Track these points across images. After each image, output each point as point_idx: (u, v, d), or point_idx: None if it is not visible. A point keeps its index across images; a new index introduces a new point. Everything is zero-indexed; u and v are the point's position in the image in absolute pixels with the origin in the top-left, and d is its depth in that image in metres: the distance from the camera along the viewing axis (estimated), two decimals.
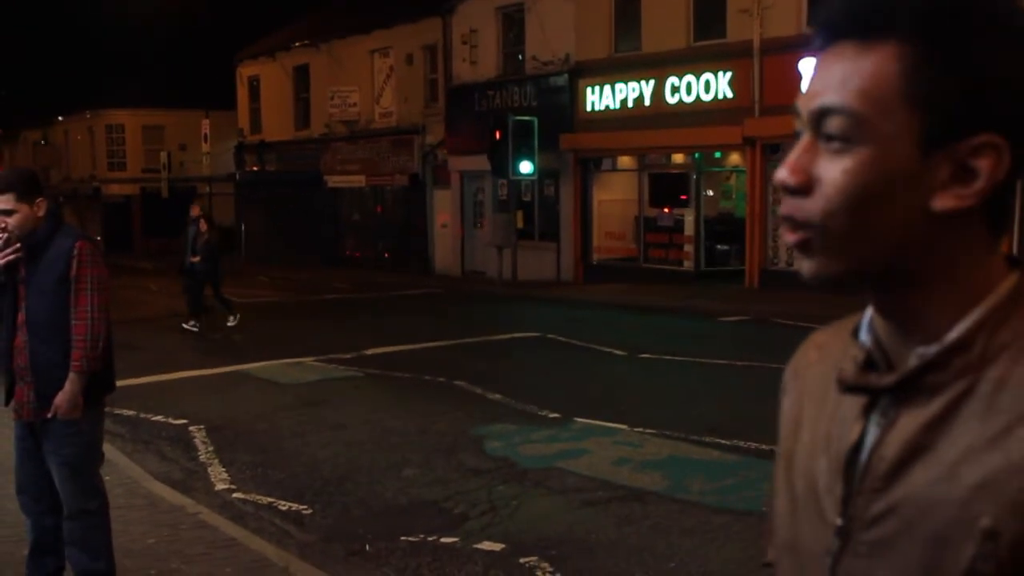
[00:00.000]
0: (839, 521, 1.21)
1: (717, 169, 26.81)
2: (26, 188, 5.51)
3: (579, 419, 11.04)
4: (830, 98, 1.17)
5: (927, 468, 1.13)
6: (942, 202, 1.14)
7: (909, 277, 1.18)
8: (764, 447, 9.48)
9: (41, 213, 5.53)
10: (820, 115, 1.18)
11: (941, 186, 1.14)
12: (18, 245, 5.45)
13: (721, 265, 25.80)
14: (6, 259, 5.44)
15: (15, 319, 5.53)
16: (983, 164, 1.12)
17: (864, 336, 1.26)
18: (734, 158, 25.65)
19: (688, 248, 26.20)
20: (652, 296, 23.32)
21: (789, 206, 1.20)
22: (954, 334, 1.15)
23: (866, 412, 1.21)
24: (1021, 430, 1.07)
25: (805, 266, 1.21)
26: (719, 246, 26.08)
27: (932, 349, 1.16)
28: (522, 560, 6.92)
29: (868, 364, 1.24)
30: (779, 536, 1.34)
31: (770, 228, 23.99)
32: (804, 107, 1.20)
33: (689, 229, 26.14)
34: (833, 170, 1.16)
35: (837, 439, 1.23)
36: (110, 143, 54.71)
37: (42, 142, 61.65)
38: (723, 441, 9.84)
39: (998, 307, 1.14)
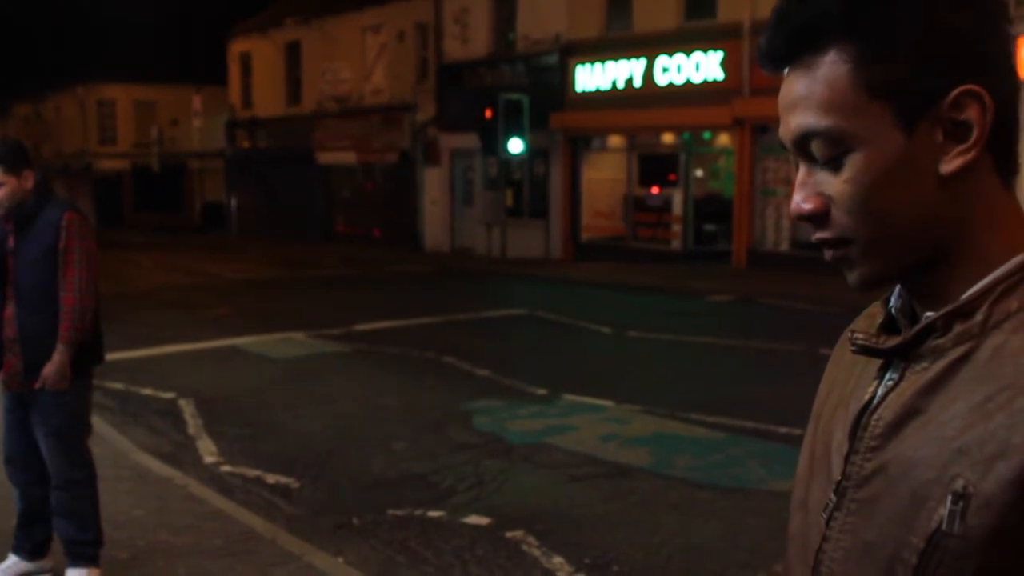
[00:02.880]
0: (838, 478, 1.24)
1: (706, 150, 26.81)
2: (14, 160, 5.51)
3: (566, 396, 11.10)
4: (801, 123, 1.20)
5: (918, 431, 1.15)
6: (949, 165, 1.16)
7: (933, 250, 1.20)
8: (749, 425, 9.56)
9: (29, 185, 5.53)
10: (801, 141, 1.21)
11: (942, 151, 1.16)
12: (5, 216, 5.47)
13: (709, 245, 25.82)
14: None
15: (4, 291, 5.55)
16: (970, 115, 1.15)
17: (894, 300, 1.29)
18: (723, 139, 25.64)
19: (676, 228, 26.23)
20: (640, 275, 23.36)
21: (817, 232, 1.23)
22: (960, 300, 1.17)
23: (881, 374, 1.25)
24: (1003, 398, 1.08)
25: (851, 278, 1.24)
26: (707, 226, 26.08)
27: (934, 313, 1.18)
28: (508, 534, 6.97)
29: (887, 327, 1.27)
30: (796, 494, 1.36)
31: (758, 208, 24.04)
32: (786, 140, 1.23)
33: (678, 209, 26.17)
34: (837, 185, 1.19)
35: (856, 400, 1.26)
36: (101, 118, 54.51)
37: (33, 117, 61.42)
38: (709, 418, 9.89)
39: (1008, 275, 1.16)
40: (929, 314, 1.20)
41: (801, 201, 1.23)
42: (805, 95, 1.19)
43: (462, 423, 10.02)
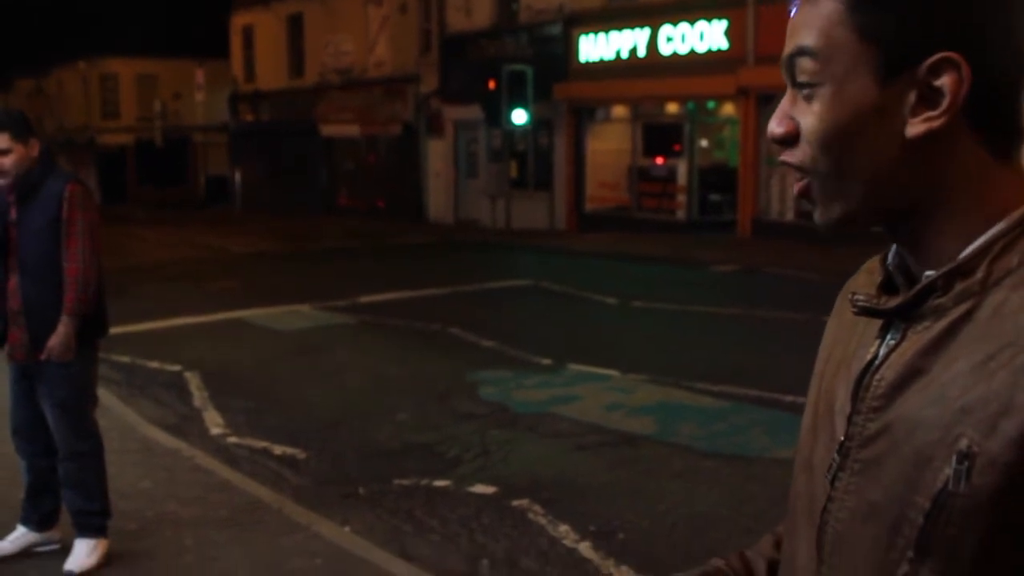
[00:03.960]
0: (841, 438, 1.24)
1: (711, 119, 26.72)
2: (20, 128, 5.52)
3: (572, 365, 11.11)
4: (795, 43, 1.23)
5: (921, 391, 1.15)
6: (913, 128, 1.16)
7: (909, 208, 1.20)
8: (753, 393, 9.58)
9: (35, 153, 5.54)
10: (791, 63, 1.23)
11: (911, 112, 1.16)
12: (8, 188, 5.47)
13: (714, 215, 25.76)
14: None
15: (7, 262, 5.56)
16: (945, 82, 1.14)
17: (892, 258, 1.29)
18: (728, 108, 25.55)
19: (681, 198, 26.18)
20: (645, 245, 23.33)
21: (784, 154, 1.26)
22: (960, 258, 1.17)
23: (882, 334, 1.25)
24: (1005, 356, 1.08)
25: (815, 216, 1.26)
26: (712, 196, 26.00)
27: (934, 272, 1.18)
28: (514, 503, 7.00)
29: (887, 286, 1.27)
30: (800, 454, 1.36)
31: (763, 178, 23.99)
32: (783, 67, 1.25)
33: (682, 179, 26.10)
34: (807, 114, 1.21)
35: (858, 360, 1.26)
36: (104, 92, 54.43)
37: (36, 92, 61.33)
38: (713, 387, 9.91)
39: (1006, 231, 1.15)
40: (929, 273, 1.19)
41: (775, 124, 1.25)
42: (803, 22, 1.22)
43: (467, 393, 10.04)
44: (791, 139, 1.24)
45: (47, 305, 5.49)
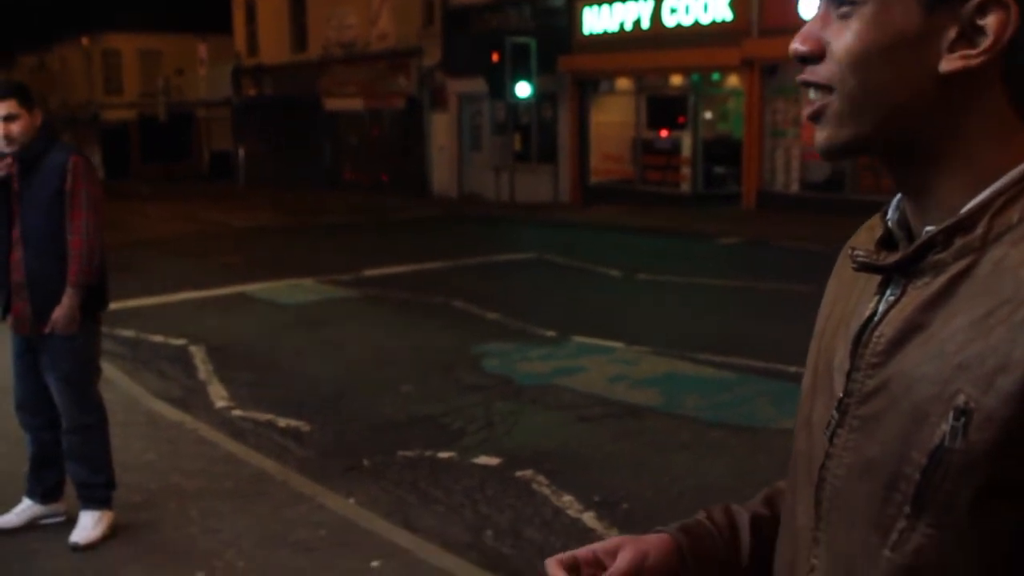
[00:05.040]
0: (840, 395, 1.23)
1: (715, 91, 26.63)
2: (25, 95, 5.53)
3: (576, 338, 11.11)
4: None
5: (919, 347, 1.14)
6: (948, 64, 1.14)
7: (922, 150, 1.19)
8: (758, 364, 9.57)
9: (39, 122, 5.54)
10: None
11: (948, 47, 1.14)
12: (10, 159, 5.46)
13: (718, 187, 25.70)
14: (2, 171, 5.45)
15: (10, 235, 5.55)
16: (990, 22, 1.12)
17: (891, 214, 1.27)
18: (732, 80, 25.46)
19: (685, 170, 26.11)
20: (649, 218, 23.30)
21: (805, 72, 1.23)
22: (960, 213, 1.15)
23: (881, 290, 1.24)
24: (1004, 312, 1.07)
25: (818, 137, 1.24)
26: (716, 168, 25.93)
27: (934, 227, 1.17)
28: (518, 474, 7.00)
29: (886, 242, 1.26)
30: (800, 413, 1.35)
31: (768, 150, 23.92)
32: None
33: (687, 151, 26.03)
34: (844, 32, 1.19)
35: (857, 317, 1.25)
36: (107, 68, 54.39)
37: (38, 68, 61.27)
38: (718, 359, 9.91)
39: (1008, 187, 1.14)
40: (930, 228, 1.18)
41: (799, 43, 1.23)
42: None
43: (471, 366, 10.05)
44: (815, 57, 1.22)
45: (50, 278, 5.49)
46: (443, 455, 7.46)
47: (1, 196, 5.53)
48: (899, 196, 1.28)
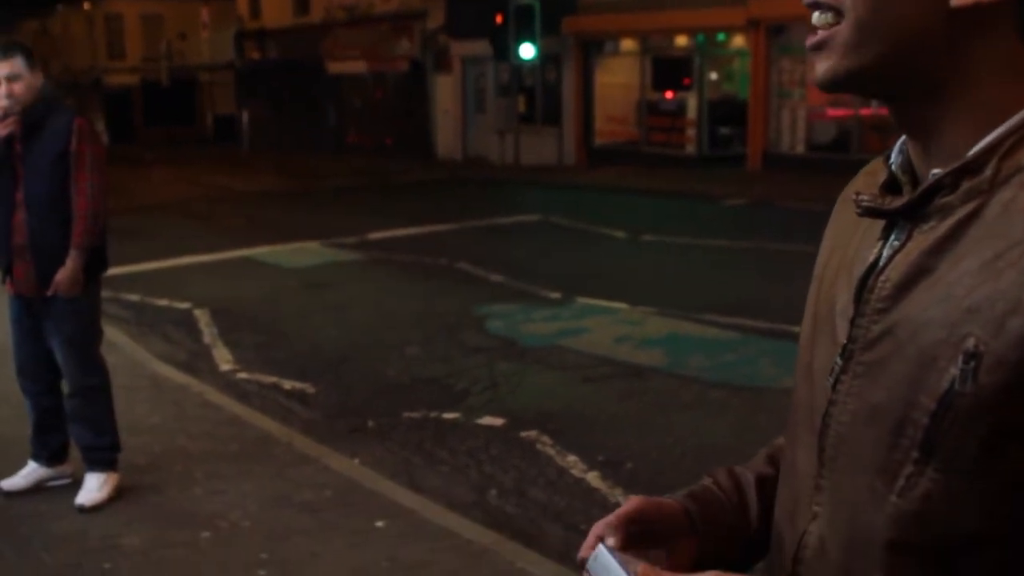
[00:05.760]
0: (844, 341, 1.22)
1: (721, 52, 26.51)
2: (29, 55, 5.50)
3: (580, 299, 11.11)
4: None
5: (926, 291, 1.12)
6: None
7: (929, 87, 1.16)
8: (762, 325, 9.56)
9: (39, 84, 5.52)
10: None
11: None
12: (14, 118, 5.43)
13: (724, 148, 25.63)
14: (7, 129, 5.42)
15: (13, 197, 5.53)
16: None
17: (895, 157, 1.25)
18: (738, 40, 25.34)
19: (691, 132, 26.04)
20: (654, 180, 23.23)
21: None
22: (968, 156, 1.13)
23: (885, 235, 1.22)
24: (1014, 255, 1.05)
25: (820, 68, 1.21)
26: (722, 129, 25.87)
27: (941, 170, 1.15)
28: (522, 434, 7.01)
29: (890, 186, 1.24)
30: (800, 360, 1.34)
31: (773, 111, 23.83)
32: None
33: (692, 113, 25.95)
34: None
35: (860, 262, 1.24)
36: (109, 33, 54.22)
37: (41, 32, 61.09)
38: (722, 319, 9.90)
39: (1018, 127, 1.11)
40: (936, 171, 1.16)
41: None
42: None
43: (476, 327, 10.05)
44: None
45: (52, 240, 5.47)
46: (447, 416, 7.47)
47: (4, 158, 5.50)
48: (902, 139, 1.25)
